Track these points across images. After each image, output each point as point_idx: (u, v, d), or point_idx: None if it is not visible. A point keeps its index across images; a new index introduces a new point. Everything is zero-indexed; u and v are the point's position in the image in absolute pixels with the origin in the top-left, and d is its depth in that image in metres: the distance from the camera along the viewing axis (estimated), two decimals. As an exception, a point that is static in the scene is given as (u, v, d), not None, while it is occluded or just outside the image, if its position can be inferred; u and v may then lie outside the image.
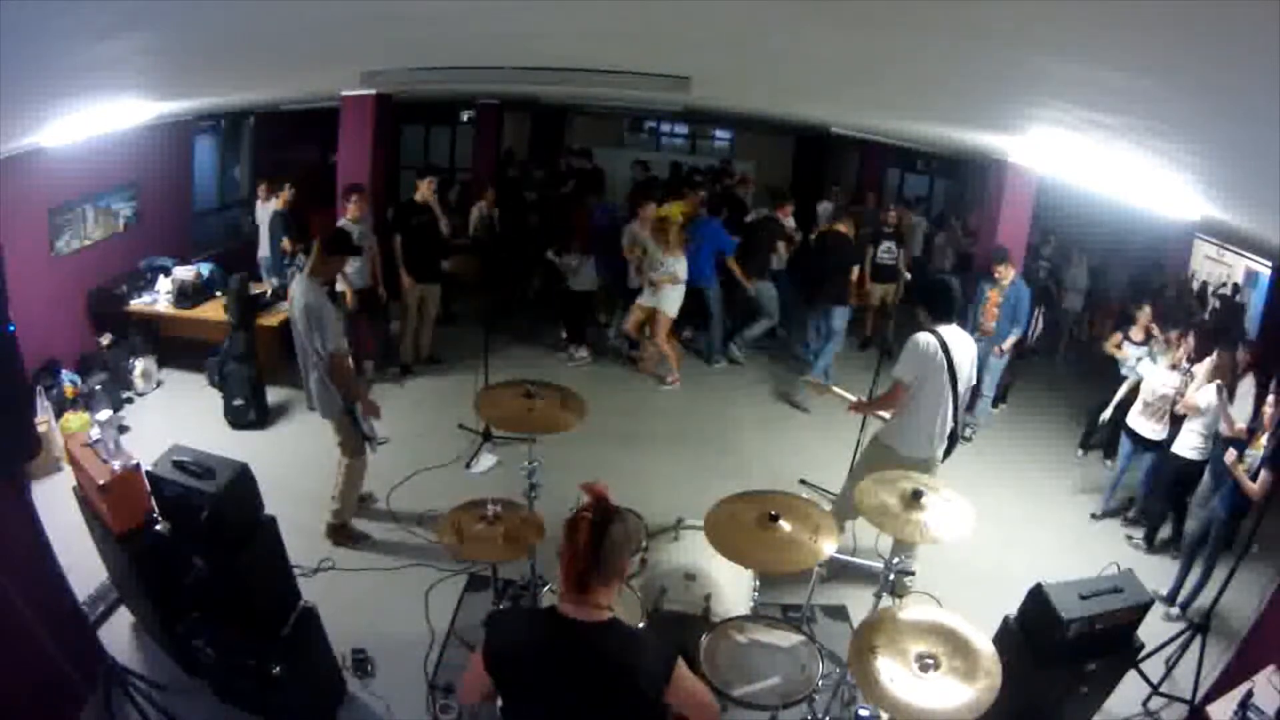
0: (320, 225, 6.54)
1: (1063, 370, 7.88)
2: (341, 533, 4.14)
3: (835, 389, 3.96)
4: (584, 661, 1.70)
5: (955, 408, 3.66)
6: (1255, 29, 1.51)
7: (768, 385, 6.67)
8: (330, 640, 3.11)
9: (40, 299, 4.95)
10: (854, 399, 3.98)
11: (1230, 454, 3.89)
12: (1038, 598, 2.73)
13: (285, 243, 6.55)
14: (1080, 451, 5.93)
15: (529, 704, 1.77)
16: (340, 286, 5.70)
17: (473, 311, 7.34)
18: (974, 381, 3.84)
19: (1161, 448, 4.64)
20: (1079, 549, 4.50)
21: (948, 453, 3.80)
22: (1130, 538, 4.74)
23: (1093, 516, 5.00)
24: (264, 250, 6.72)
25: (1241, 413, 4.60)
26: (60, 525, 3.08)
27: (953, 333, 3.65)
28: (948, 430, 3.72)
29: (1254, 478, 3.67)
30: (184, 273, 6.07)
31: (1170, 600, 4.07)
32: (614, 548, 1.70)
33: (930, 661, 2.16)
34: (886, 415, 3.79)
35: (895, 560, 3.01)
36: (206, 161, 7.78)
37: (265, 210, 6.71)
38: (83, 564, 3.20)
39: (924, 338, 3.61)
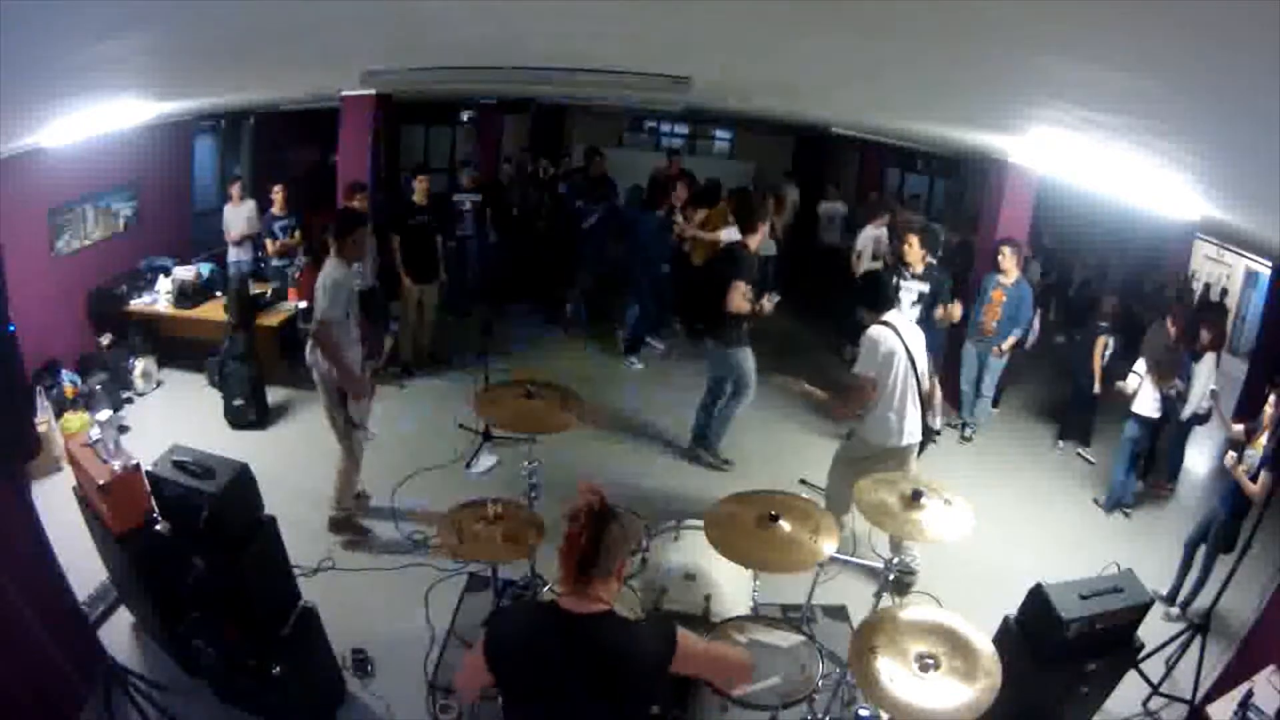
0: (319, 225, 6.58)
1: (1052, 368, 7.84)
2: (342, 526, 4.15)
3: (807, 385, 4.04)
4: (581, 651, 1.73)
5: (920, 395, 3.80)
6: (1255, 29, 1.51)
7: (766, 386, 6.66)
8: (330, 640, 3.11)
9: (40, 299, 4.95)
10: (825, 395, 4.05)
11: (1230, 455, 3.89)
12: (1038, 598, 2.73)
13: (269, 245, 6.55)
14: (1059, 443, 6.02)
15: (529, 696, 1.79)
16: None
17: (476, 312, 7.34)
18: (929, 371, 3.93)
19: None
20: (1079, 549, 4.50)
21: (923, 447, 3.92)
22: None
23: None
24: (239, 254, 6.70)
25: (1200, 389, 4.86)
26: (60, 525, 3.08)
27: (900, 319, 3.83)
28: (918, 419, 3.82)
29: (1254, 478, 3.67)
30: (184, 273, 6.07)
31: (1170, 600, 4.07)
32: (613, 540, 1.76)
33: (930, 661, 2.16)
34: (860, 411, 3.90)
35: (894, 560, 3.01)
36: (206, 161, 7.78)
37: (236, 212, 6.64)
38: (83, 564, 3.20)
39: (876, 330, 3.76)
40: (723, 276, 4.76)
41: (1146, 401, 4.82)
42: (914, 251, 5.20)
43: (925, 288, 5.27)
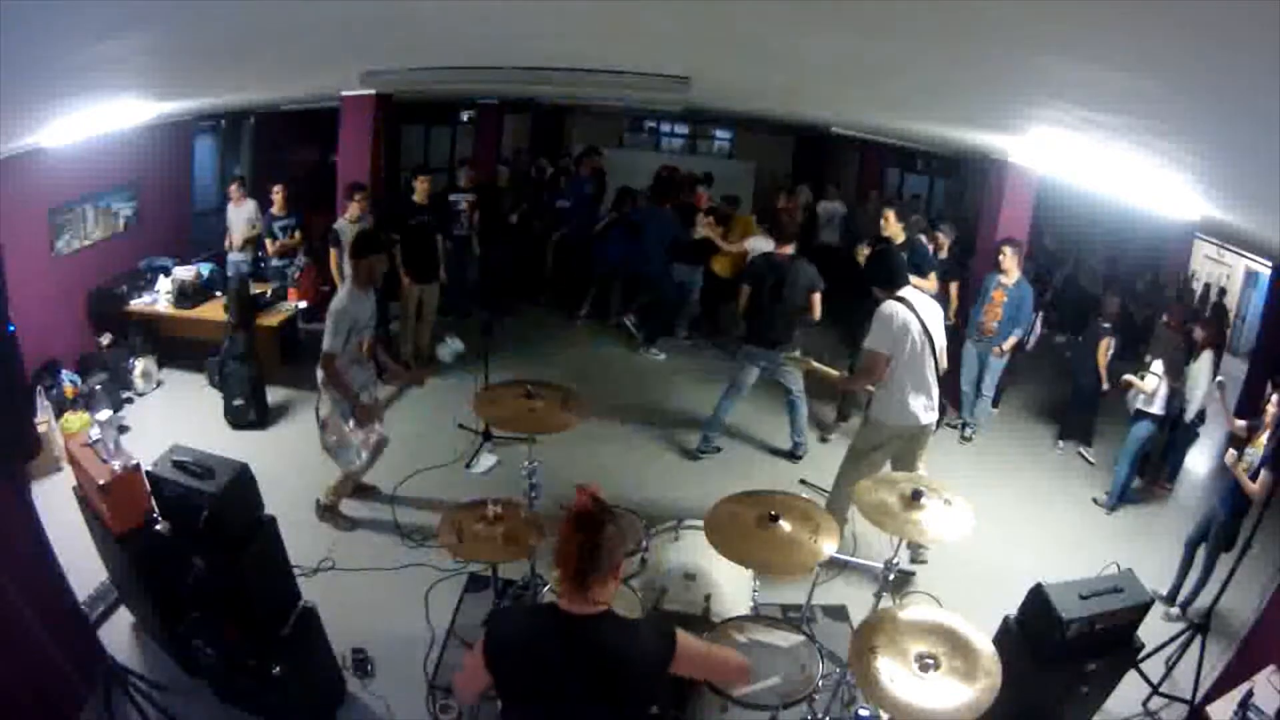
0: (320, 226, 6.59)
1: (1052, 368, 7.85)
2: (327, 513, 4.26)
3: (817, 364, 4.03)
4: (580, 652, 1.73)
5: (938, 373, 3.73)
6: (1255, 29, 1.51)
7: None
8: (330, 640, 3.11)
9: (40, 299, 4.95)
10: (837, 374, 4.06)
11: (1230, 454, 3.89)
12: (1038, 598, 2.73)
13: (270, 245, 6.55)
14: (1060, 443, 6.02)
15: (528, 698, 1.79)
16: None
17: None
18: (945, 343, 3.86)
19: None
20: (1079, 549, 4.50)
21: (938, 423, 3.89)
22: None
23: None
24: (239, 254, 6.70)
25: (1200, 387, 4.91)
26: (60, 525, 3.08)
27: (916, 295, 3.73)
28: (935, 397, 3.77)
29: (1254, 477, 3.67)
30: (184, 273, 6.07)
31: (1170, 600, 4.07)
32: (610, 544, 1.74)
33: (930, 661, 2.16)
34: (871, 388, 3.86)
35: (895, 560, 3.01)
36: (206, 161, 7.78)
37: (238, 212, 6.64)
38: (83, 564, 3.20)
39: (889, 306, 3.67)
40: (808, 287, 4.92)
41: (1159, 401, 4.83)
42: (892, 225, 5.57)
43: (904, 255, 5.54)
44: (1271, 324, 6.50)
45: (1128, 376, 5.03)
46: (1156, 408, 4.83)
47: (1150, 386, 4.84)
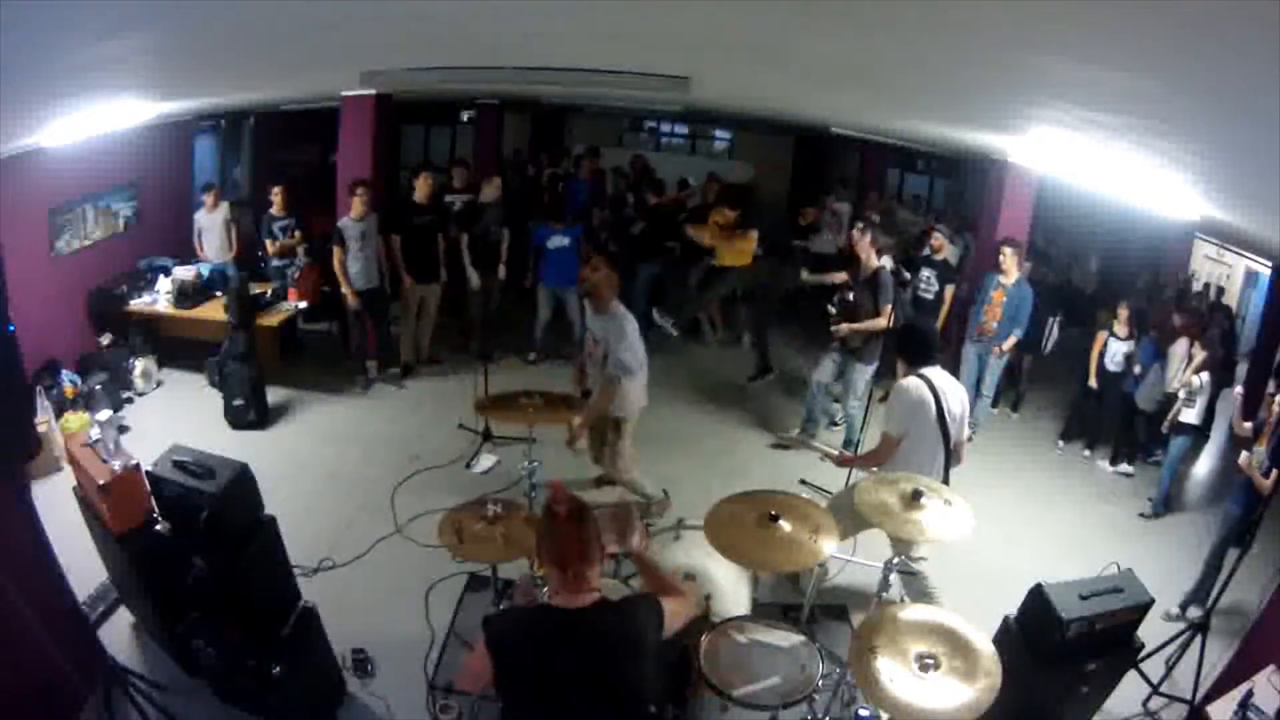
0: (320, 226, 6.58)
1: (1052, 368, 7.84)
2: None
3: (815, 443, 3.91)
4: (586, 646, 1.75)
5: (947, 455, 3.48)
6: (1255, 29, 1.51)
7: (769, 385, 6.67)
8: (330, 640, 3.11)
9: (40, 299, 4.95)
10: (836, 453, 3.90)
11: (1244, 455, 3.91)
12: (1038, 598, 2.73)
13: (269, 245, 6.54)
14: (1061, 443, 6.04)
15: (534, 700, 1.79)
16: (343, 288, 5.71)
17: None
18: (965, 432, 3.61)
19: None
20: (1079, 549, 4.50)
21: None
22: None
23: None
24: (211, 255, 6.63)
25: (1173, 373, 5.02)
26: (60, 525, 3.08)
27: (939, 376, 3.48)
28: (940, 478, 3.49)
29: (1266, 475, 3.69)
30: (184, 273, 6.07)
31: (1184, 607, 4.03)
32: (595, 530, 1.81)
33: (930, 661, 2.16)
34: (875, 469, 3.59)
35: (896, 560, 3.01)
36: (206, 161, 7.78)
37: (211, 218, 6.57)
38: (83, 564, 3.20)
39: (911, 383, 3.44)
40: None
41: (1198, 411, 4.88)
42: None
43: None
44: (1271, 324, 6.50)
45: (1181, 388, 5.00)
46: (1195, 418, 4.85)
47: (1197, 384, 4.86)
